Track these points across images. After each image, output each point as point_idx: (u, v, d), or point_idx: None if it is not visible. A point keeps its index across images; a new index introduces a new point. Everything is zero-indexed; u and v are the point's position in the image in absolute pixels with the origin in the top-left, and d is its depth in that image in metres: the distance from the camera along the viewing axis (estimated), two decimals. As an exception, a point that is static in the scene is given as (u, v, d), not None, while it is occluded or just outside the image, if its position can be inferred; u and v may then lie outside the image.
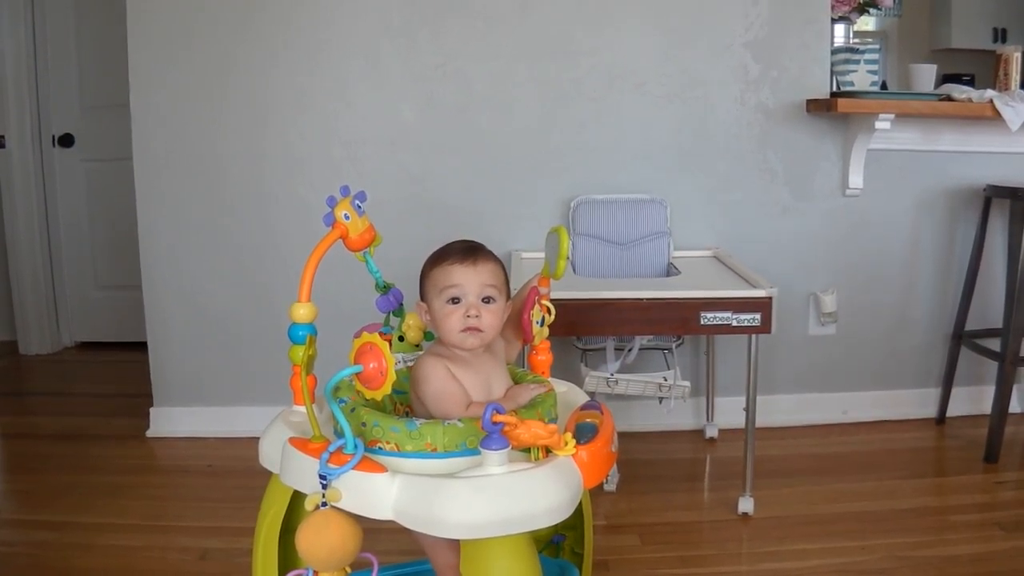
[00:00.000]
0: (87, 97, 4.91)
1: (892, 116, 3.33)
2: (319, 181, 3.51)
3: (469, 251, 1.81)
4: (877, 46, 3.70)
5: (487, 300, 1.79)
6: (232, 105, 3.50)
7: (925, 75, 3.57)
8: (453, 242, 1.87)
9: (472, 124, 3.52)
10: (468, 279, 1.78)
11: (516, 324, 1.98)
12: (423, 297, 1.86)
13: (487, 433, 1.51)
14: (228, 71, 3.48)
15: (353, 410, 1.66)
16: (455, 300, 1.78)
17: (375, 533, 1.64)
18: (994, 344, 3.48)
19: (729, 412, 3.56)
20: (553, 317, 2.03)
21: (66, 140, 4.95)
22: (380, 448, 1.60)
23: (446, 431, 1.59)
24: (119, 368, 4.66)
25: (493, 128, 3.53)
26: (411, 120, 3.52)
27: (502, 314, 1.83)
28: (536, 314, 2.01)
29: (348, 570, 1.57)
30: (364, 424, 1.61)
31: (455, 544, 1.76)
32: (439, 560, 1.84)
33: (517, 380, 1.94)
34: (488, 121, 3.52)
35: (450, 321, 1.78)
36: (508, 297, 1.89)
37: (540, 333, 2.05)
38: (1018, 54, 3.60)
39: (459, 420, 1.61)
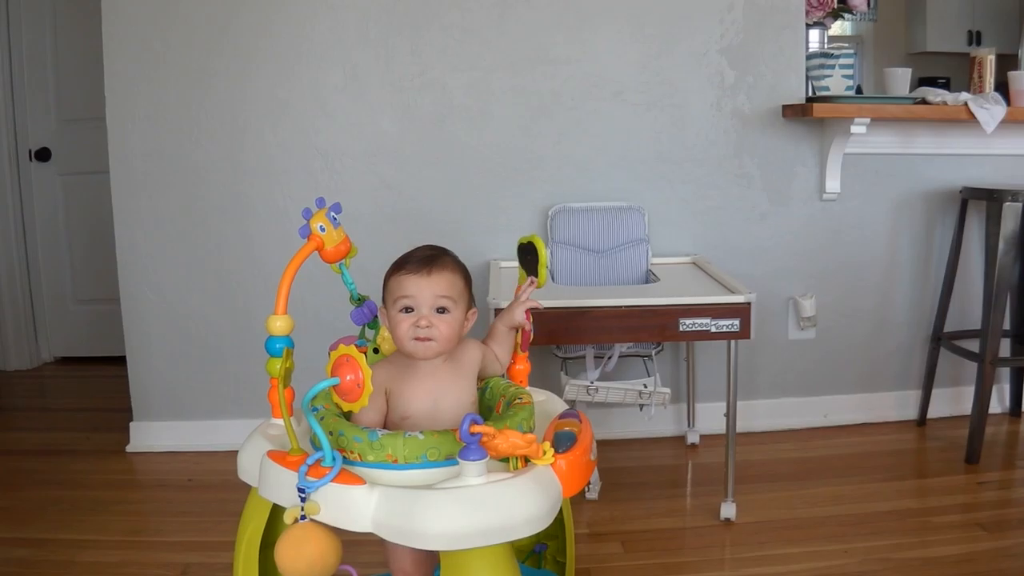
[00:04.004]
0: (63, 111, 4.89)
1: (868, 120, 3.35)
2: (297, 192, 3.51)
3: (425, 261, 1.81)
4: (852, 51, 3.71)
5: (441, 310, 1.80)
6: (209, 117, 3.49)
7: (900, 79, 3.59)
8: (416, 248, 1.88)
9: (450, 134, 3.52)
10: (420, 290, 1.78)
11: (505, 341, 1.99)
12: (384, 303, 1.88)
13: (465, 444, 1.51)
14: (205, 83, 3.47)
15: (322, 418, 1.65)
16: (408, 310, 1.79)
17: (355, 545, 1.64)
18: (973, 345, 3.50)
19: (710, 418, 3.57)
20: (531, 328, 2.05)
21: (43, 154, 4.92)
22: (343, 457, 1.59)
23: (406, 443, 1.59)
24: (98, 383, 4.64)
25: (471, 138, 3.53)
26: (389, 130, 3.51)
27: (459, 323, 1.84)
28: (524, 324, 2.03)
29: (328, 583, 1.57)
30: (331, 433, 1.61)
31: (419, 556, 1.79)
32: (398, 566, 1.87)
33: (500, 391, 1.94)
34: (466, 131, 3.52)
35: (401, 330, 1.79)
36: (470, 305, 1.89)
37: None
38: (992, 57, 3.62)
39: (420, 432, 1.61)
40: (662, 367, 3.55)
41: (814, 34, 3.73)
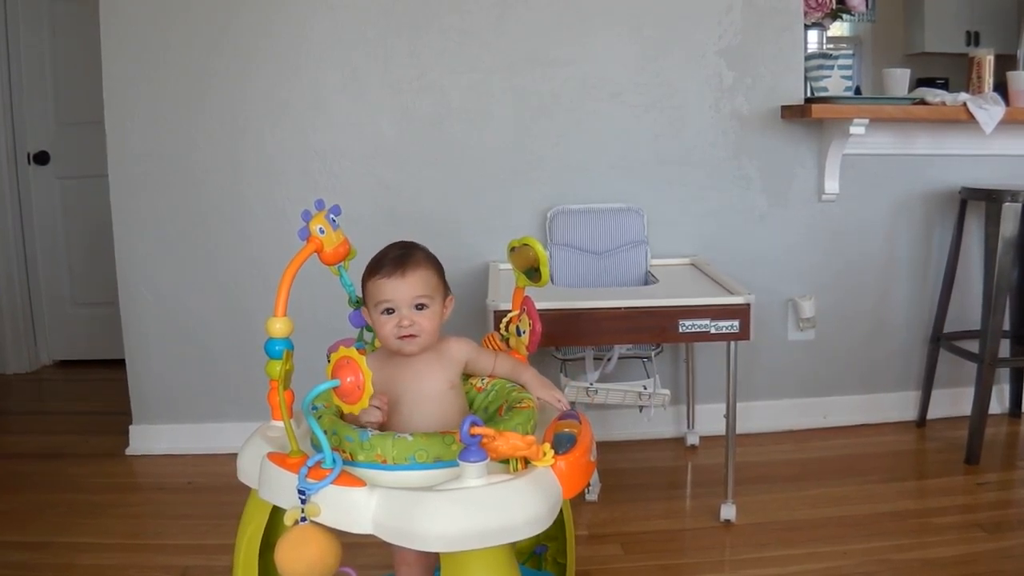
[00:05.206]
0: (62, 114, 4.90)
1: (867, 121, 3.35)
2: (296, 194, 3.50)
3: (398, 262, 1.86)
4: (851, 52, 3.72)
5: (420, 307, 1.85)
6: (208, 120, 3.49)
7: (899, 79, 3.59)
8: (387, 248, 1.92)
9: (448, 136, 3.52)
10: (398, 293, 1.84)
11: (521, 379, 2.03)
12: (365, 305, 1.92)
13: (464, 445, 1.51)
14: (204, 86, 3.47)
15: (320, 417, 1.66)
16: (389, 311, 1.85)
17: (355, 547, 1.63)
18: (973, 346, 3.50)
19: (709, 419, 3.56)
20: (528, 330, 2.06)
21: (41, 157, 4.92)
22: (336, 455, 1.59)
23: (395, 444, 1.60)
24: (97, 386, 4.64)
25: (469, 140, 3.52)
26: (387, 132, 3.51)
27: (439, 315, 1.90)
28: (525, 323, 2.04)
29: (328, 585, 1.57)
30: (325, 431, 1.60)
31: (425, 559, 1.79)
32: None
33: (503, 395, 1.96)
34: (464, 133, 3.52)
35: (386, 331, 1.86)
36: (446, 294, 1.95)
37: (520, 342, 2.06)
38: (991, 57, 3.62)
39: (409, 434, 1.62)
40: (661, 369, 3.55)
41: (813, 35, 3.73)
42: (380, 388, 1.83)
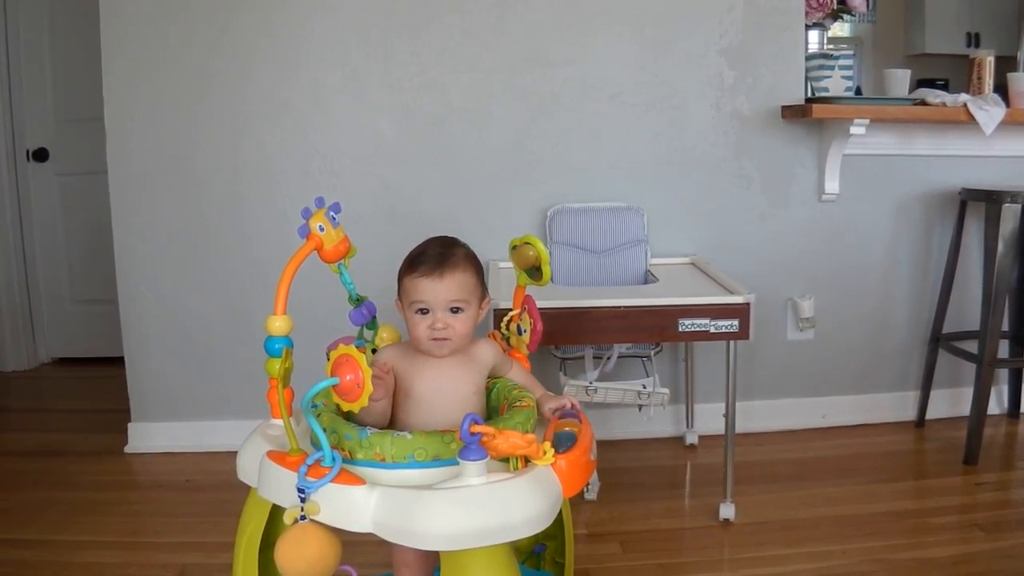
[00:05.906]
0: (61, 111, 4.89)
1: (867, 121, 3.35)
2: (296, 193, 3.50)
3: (438, 262, 1.82)
4: (851, 52, 3.72)
5: (455, 310, 1.82)
6: (208, 118, 3.49)
7: (899, 80, 3.59)
8: (429, 242, 1.89)
9: (449, 135, 3.52)
10: (435, 294, 1.80)
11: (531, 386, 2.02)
12: (399, 298, 1.89)
13: (464, 444, 1.51)
14: (204, 83, 3.47)
15: (319, 415, 1.66)
16: (423, 311, 1.81)
17: (355, 546, 1.63)
18: (972, 347, 3.50)
19: (708, 419, 3.57)
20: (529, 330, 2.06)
21: (40, 154, 4.92)
22: (335, 453, 1.59)
23: (394, 442, 1.59)
24: (96, 384, 4.64)
25: (470, 139, 3.52)
26: (388, 131, 3.51)
27: (473, 319, 1.87)
28: (526, 321, 2.04)
29: (327, 583, 1.57)
30: (324, 429, 1.60)
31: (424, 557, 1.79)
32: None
33: (504, 393, 1.95)
34: (465, 132, 3.52)
35: (419, 331, 1.82)
36: (483, 296, 1.92)
37: (521, 341, 2.06)
38: (991, 58, 3.63)
39: (409, 432, 1.62)
40: (661, 368, 3.56)
41: (813, 35, 3.73)
42: (403, 382, 1.83)
